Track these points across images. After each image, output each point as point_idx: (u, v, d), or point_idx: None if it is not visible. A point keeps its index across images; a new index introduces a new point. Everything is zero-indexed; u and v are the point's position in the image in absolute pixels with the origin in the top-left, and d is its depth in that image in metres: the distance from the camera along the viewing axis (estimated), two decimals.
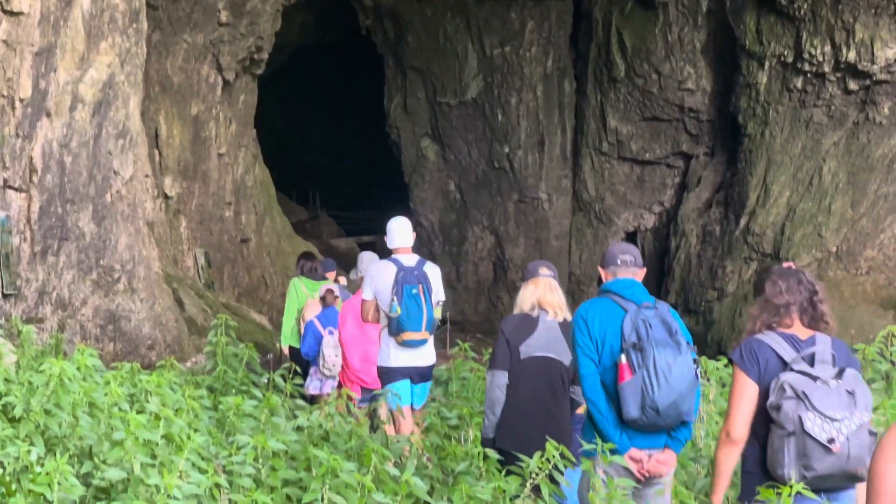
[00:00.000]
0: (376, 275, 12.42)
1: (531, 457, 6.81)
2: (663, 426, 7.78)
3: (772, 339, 6.93)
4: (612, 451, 7.70)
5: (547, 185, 36.10)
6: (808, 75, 28.32)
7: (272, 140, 43.48)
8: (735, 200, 30.58)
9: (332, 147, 48.50)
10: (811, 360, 6.79)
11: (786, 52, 28.70)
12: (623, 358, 7.74)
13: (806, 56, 28.06)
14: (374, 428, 10.70)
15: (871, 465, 4.86)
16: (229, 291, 25.65)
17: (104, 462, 5.88)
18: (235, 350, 11.61)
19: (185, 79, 24.06)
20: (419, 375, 12.33)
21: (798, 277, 7.14)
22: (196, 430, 6.72)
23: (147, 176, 18.99)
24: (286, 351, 16.21)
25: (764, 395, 6.81)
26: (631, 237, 35.08)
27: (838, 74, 27.73)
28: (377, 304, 12.33)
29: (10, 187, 15.26)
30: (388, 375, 12.21)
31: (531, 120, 36.02)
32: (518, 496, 5.33)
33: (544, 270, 9.56)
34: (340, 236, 41.67)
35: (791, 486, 5.14)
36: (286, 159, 45.44)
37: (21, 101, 15.13)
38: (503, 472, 6.00)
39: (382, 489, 5.32)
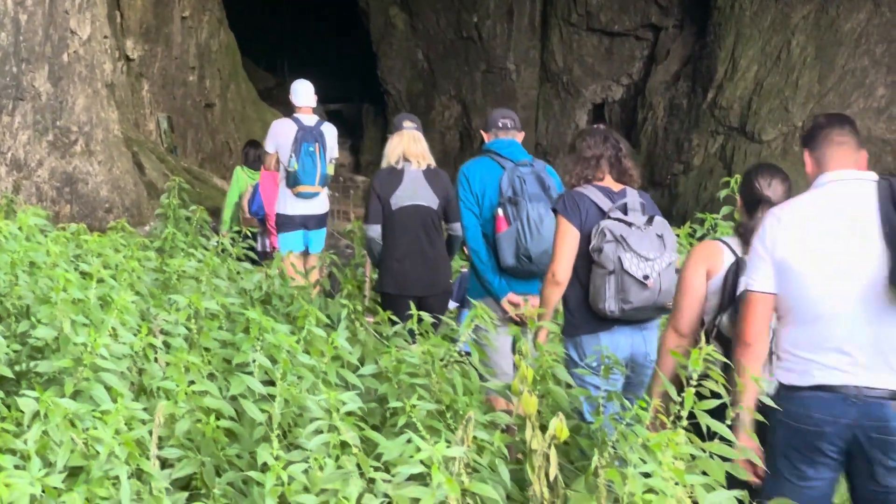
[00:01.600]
0: (279, 131, 13.75)
1: (414, 297, 7.68)
2: (537, 272, 8.73)
3: (590, 191, 7.82)
4: (492, 294, 8.92)
5: (515, 55, 35.82)
6: None
7: (240, 6, 42.89)
8: (703, 74, 30.43)
9: (300, 14, 47.90)
10: (624, 209, 7.73)
11: None
12: (500, 211, 8.86)
13: None
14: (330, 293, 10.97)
15: (682, 270, 6.68)
16: (193, 156, 25.45)
17: (39, 321, 5.80)
18: (187, 213, 11.52)
19: None
20: (314, 222, 13.72)
21: (604, 135, 8.04)
22: (137, 292, 6.64)
23: (106, 37, 18.65)
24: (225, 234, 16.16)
25: (586, 240, 7.69)
26: (598, 109, 34.95)
27: None
28: (278, 156, 13.68)
29: None
30: (285, 222, 13.59)
31: None
32: (445, 362, 5.28)
33: (408, 123, 10.34)
34: None
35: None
36: (254, 26, 44.87)
37: None
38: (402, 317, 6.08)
39: (311, 351, 5.27)
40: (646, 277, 7.57)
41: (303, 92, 14.06)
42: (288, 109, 14.34)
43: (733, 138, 28.83)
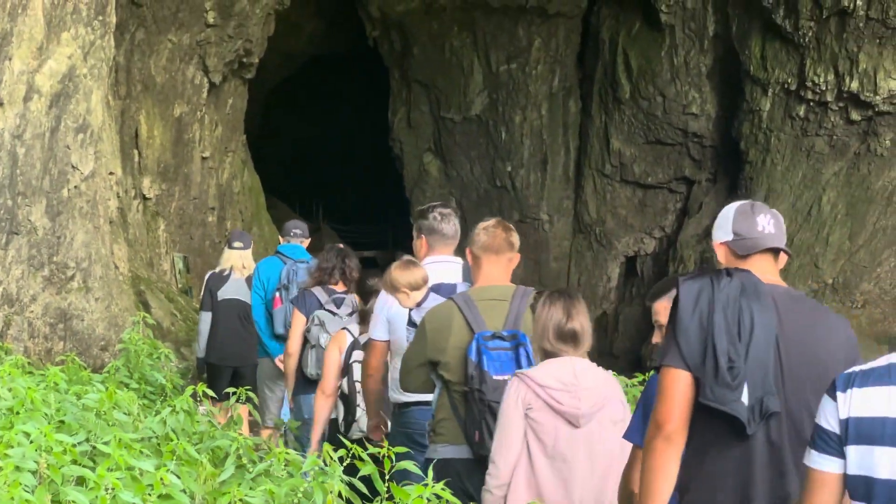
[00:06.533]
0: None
1: (232, 364, 13.24)
2: None
3: (316, 290, 11.10)
4: (269, 354, 12.74)
5: (548, 205, 35.58)
6: (811, 103, 27.84)
7: (274, 149, 43.04)
8: None
9: (337, 159, 48.05)
10: (339, 303, 10.89)
11: (789, 80, 28.21)
12: (277, 293, 12.31)
13: (809, 84, 27.56)
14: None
15: (324, 351, 10.04)
16: None
17: None
18: (151, 349, 11.19)
19: (169, 79, 23.58)
20: None
21: (337, 252, 11.37)
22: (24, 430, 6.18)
23: (111, 173, 18.52)
24: None
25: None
26: (630, 261, 34.57)
27: (841, 104, 27.25)
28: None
29: None
30: None
31: (534, 139, 35.53)
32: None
33: (237, 243, 14.47)
34: None
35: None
36: (293, 170, 45.07)
37: None
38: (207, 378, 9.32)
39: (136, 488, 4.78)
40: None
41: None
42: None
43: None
